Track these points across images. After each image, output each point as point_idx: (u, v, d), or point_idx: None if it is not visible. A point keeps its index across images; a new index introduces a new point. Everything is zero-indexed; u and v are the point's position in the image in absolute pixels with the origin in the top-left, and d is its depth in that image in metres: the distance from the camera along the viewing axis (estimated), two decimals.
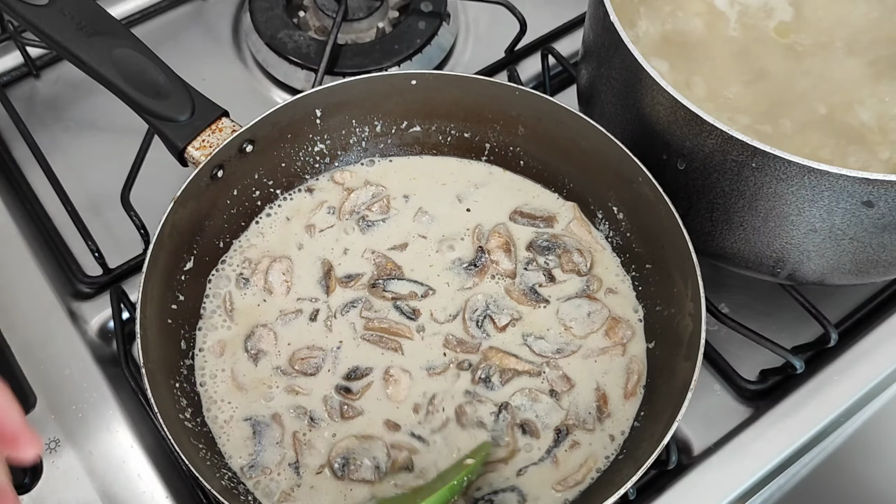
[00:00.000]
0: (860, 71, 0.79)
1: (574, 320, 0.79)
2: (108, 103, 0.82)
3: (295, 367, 0.76)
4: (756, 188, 0.68)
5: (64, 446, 0.77)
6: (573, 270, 0.82)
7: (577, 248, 0.83)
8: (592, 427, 0.74)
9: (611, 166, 0.79)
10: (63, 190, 0.91)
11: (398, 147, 0.89)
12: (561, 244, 0.83)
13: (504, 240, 0.82)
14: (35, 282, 0.86)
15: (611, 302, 0.81)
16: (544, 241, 0.83)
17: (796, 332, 0.86)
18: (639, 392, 0.76)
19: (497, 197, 0.86)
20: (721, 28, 0.82)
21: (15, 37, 1.01)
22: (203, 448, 0.71)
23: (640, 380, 0.76)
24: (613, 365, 0.77)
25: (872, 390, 0.83)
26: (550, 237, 0.83)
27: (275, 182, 0.85)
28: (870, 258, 0.72)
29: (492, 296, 0.80)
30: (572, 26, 1.08)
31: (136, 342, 0.69)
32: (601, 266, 0.83)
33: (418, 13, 1.05)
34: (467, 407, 0.75)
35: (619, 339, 0.78)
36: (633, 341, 0.79)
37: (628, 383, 0.76)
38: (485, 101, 0.84)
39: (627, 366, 0.77)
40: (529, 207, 0.85)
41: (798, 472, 0.80)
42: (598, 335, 0.79)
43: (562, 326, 0.79)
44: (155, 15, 1.10)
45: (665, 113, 0.70)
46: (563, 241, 0.83)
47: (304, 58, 1.02)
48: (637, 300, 0.81)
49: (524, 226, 0.84)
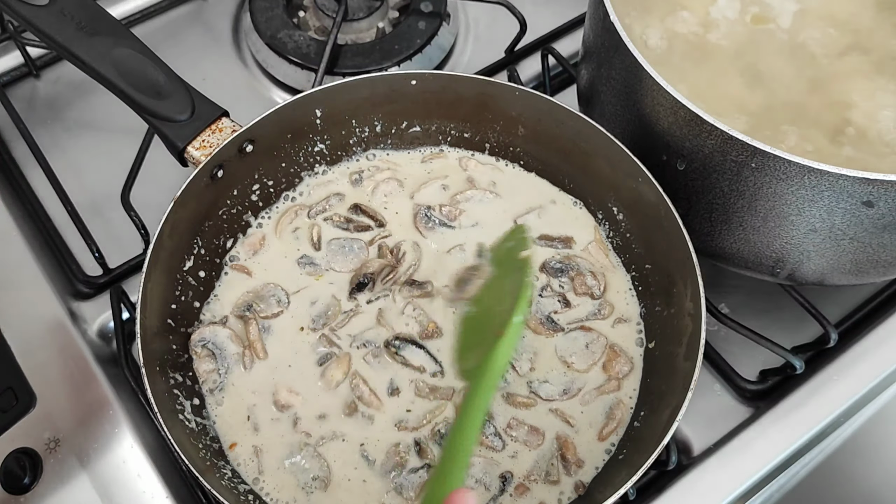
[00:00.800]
0: (860, 71, 0.79)
1: (574, 354, 0.77)
2: (108, 103, 0.82)
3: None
4: (756, 188, 0.68)
5: (64, 446, 0.77)
6: (586, 293, 0.80)
7: (590, 270, 0.82)
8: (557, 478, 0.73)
9: (611, 166, 0.79)
10: (63, 190, 0.91)
11: (398, 147, 0.89)
12: (574, 266, 0.82)
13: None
14: (35, 282, 0.86)
15: (616, 333, 0.79)
16: (557, 262, 0.82)
17: (796, 332, 0.86)
18: (615, 435, 0.75)
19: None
20: (721, 28, 0.82)
21: (15, 37, 1.01)
22: (203, 448, 0.71)
23: (620, 426, 0.75)
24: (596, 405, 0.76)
25: (872, 390, 0.83)
26: (564, 258, 0.82)
27: (275, 182, 0.85)
28: (870, 258, 0.71)
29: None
30: (572, 26, 1.08)
31: (136, 342, 0.69)
32: (613, 290, 0.81)
33: (418, 13, 1.05)
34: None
35: (615, 374, 0.77)
36: (629, 377, 0.77)
37: (605, 428, 0.74)
38: (485, 101, 0.84)
39: (611, 409, 0.75)
40: (548, 224, 0.84)
41: (798, 472, 0.80)
42: (598, 367, 0.77)
43: (563, 364, 0.77)
44: (155, 15, 1.10)
45: (665, 113, 0.70)
46: (577, 263, 0.82)
47: (304, 58, 1.02)
48: (645, 335, 0.79)
49: (542, 247, 0.83)
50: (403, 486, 0.71)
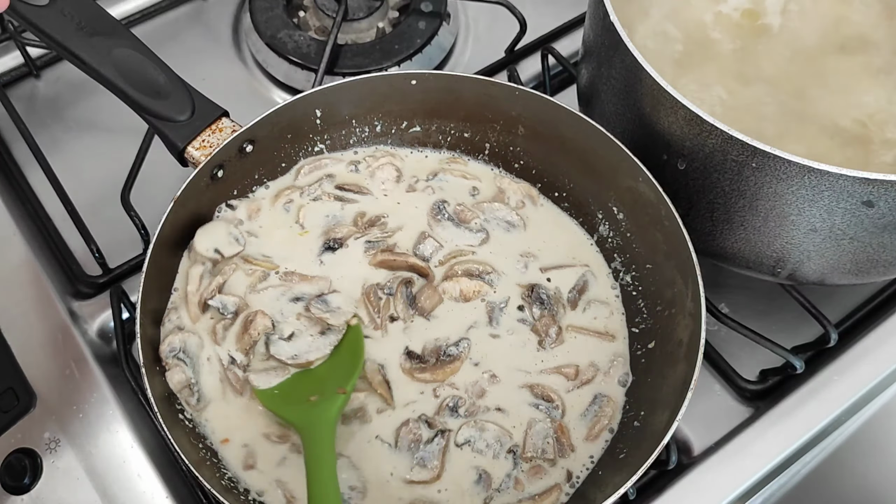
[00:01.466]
0: (861, 71, 0.79)
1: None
2: (108, 103, 0.82)
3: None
4: (756, 188, 0.68)
5: (64, 446, 0.77)
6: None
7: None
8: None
9: (611, 166, 0.79)
10: (63, 190, 0.91)
11: (398, 147, 0.89)
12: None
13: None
14: (35, 282, 0.86)
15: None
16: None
17: (796, 332, 0.86)
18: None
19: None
20: (721, 29, 0.82)
21: (15, 37, 1.01)
22: (203, 448, 0.71)
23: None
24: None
25: (872, 390, 0.83)
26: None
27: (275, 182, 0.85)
28: (870, 258, 0.71)
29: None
30: (572, 26, 1.08)
31: (136, 342, 0.69)
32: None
33: (418, 13, 1.05)
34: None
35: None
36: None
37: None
38: (485, 101, 0.84)
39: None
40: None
41: (798, 472, 0.80)
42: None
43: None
44: (155, 15, 1.10)
45: (665, 113, 0.70)
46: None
47: (304, 58, 1.02)
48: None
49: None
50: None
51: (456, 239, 0.83)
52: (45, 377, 0.80)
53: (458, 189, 0.86)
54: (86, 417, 0.79)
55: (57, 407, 0.79)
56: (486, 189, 0.87)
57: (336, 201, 0.84)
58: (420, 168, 0.87)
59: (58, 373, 0.81)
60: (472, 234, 0.83)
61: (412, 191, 0.85)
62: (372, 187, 0.85)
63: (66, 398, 0.80)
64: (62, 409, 0.79)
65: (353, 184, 0.85)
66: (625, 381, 0.77)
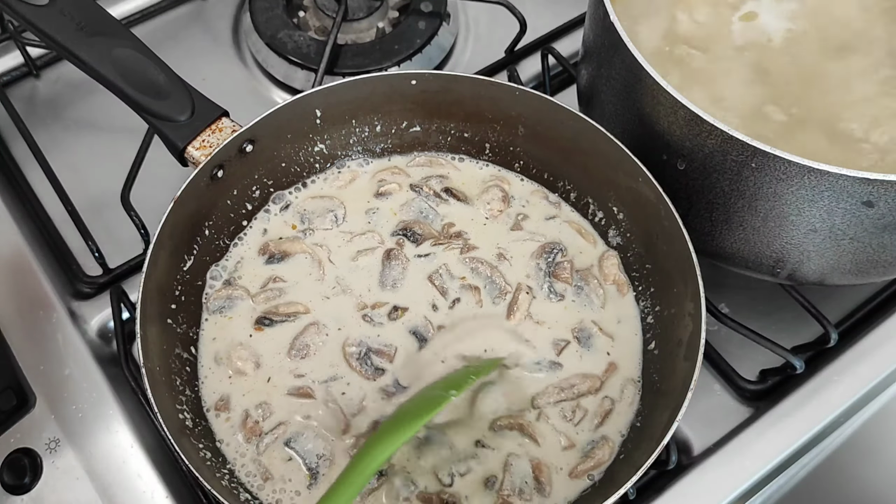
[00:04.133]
0: (861, 71, 0.79)
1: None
2: (108, 103, 0.82)
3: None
4: (756, 188, 0.68)
5: (64, 446, 0.77)
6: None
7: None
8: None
9: (611, 166, 0.79)
10: (63, 190, 0.91)
11: (398, 147, 0.89)
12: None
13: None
14: (35, 282, 0.86)
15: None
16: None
17: (796, 332, 0.86)
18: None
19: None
20: (720, 29, 0.82)
21: (15, 37, 1.01)
22: (203, 448, 0.71)
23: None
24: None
25: (872, 390, 0.83)
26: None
27: (275, 182, 0.85)
28: (870, 258, 0.71)
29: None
30: (572, 26, 1.08)
31: (136, 342, 0.69)
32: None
33: (418, 13, 1.05)
34: None
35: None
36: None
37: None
38: (485, 101, 0.84)
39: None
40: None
41: (798, 473, 0.80)
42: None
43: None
44: (155, 15, 1.11)
45: (665, 113, 0.70)
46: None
47: (304, 58, 1.02)
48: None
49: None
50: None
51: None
52: (45, 377, 0.80)
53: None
54: (86, 417, 0.79)
55: (57, 407, 0.79)
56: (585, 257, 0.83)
57: (435, 197, 0.85)
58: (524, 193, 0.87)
59: (58, 373, 0.81)
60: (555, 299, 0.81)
61: (518, 229, 0.84)
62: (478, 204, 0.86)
63: (66, 398, 0.80)
64: (62, 409, 0.79)
65: (461, 192, 0.86)
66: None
